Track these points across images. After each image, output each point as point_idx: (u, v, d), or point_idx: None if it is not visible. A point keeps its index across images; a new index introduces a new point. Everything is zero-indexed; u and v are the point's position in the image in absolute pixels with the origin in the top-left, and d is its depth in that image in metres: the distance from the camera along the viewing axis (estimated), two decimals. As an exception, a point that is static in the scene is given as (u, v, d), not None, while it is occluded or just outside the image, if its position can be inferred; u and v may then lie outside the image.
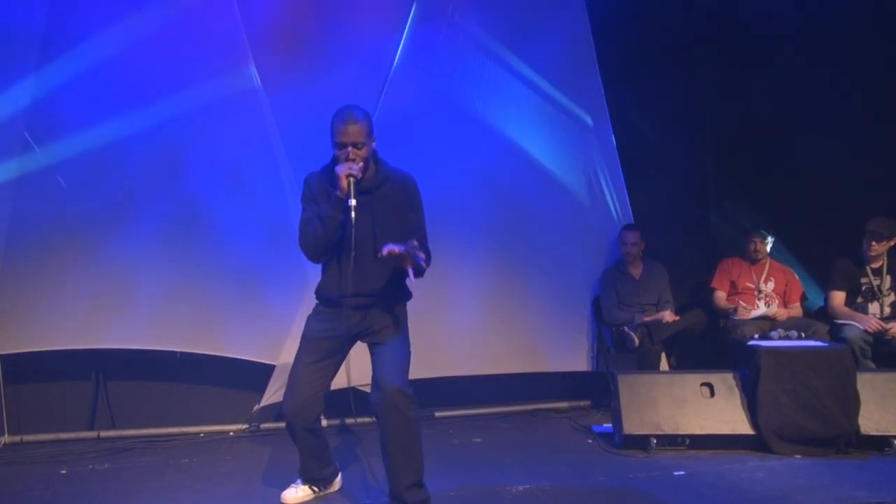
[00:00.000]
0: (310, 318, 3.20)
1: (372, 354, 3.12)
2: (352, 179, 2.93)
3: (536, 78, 5.20)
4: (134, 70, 4.47)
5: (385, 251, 2.84)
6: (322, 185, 3.09)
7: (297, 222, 3.14)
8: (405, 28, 4.92)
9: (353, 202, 2.92)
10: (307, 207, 3.12)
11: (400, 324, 3.13)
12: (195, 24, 4.55)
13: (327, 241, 3.01)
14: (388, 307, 3.11)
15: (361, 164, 2.99)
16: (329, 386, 3.16)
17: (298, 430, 3.13)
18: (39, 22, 4.35)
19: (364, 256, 3.00)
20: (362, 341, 3.17)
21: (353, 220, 2.93)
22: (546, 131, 5.23)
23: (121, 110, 4.47)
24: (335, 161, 3.05)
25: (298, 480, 3.35)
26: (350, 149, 2.97)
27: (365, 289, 3.04)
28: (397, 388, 2.93)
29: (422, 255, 2.89)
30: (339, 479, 3.47)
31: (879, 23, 5.27)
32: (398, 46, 4.91)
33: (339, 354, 3.16)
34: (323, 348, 3.10)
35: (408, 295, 3.19)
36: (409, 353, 3.10)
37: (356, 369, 4.50)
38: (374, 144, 3.07)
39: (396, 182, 3.12)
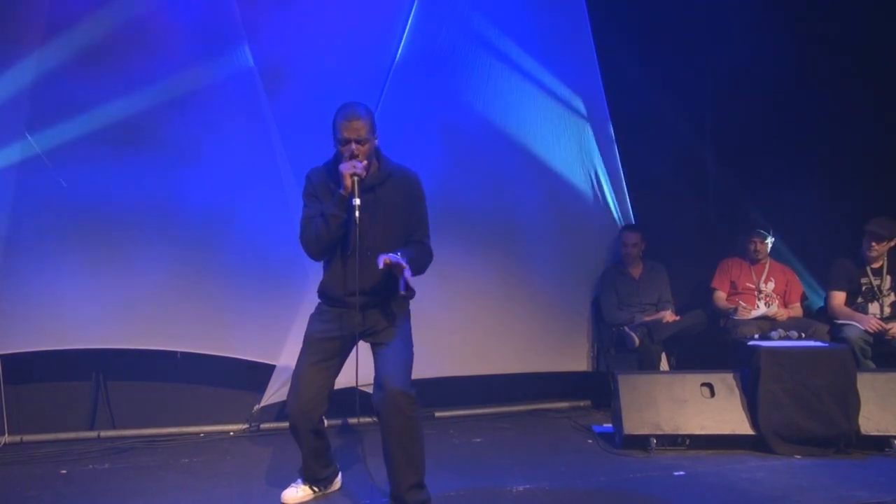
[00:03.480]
0: (312, 318, 3.19)
1: (374, 354, 3.10)
2: (356, 178, 2.92)
3: (537, 77, 5.20)
4: (131, 61, 4.45)
5: (381, 263, 2.85)
6: (324, 181, 3.08)
7: (296, 221, 3.13)
8: (406, 26, 4.92)
9: (357, 201, 2.91)
10: (309, 204, 3.10)
11: (403, 324, 3.12)
12: (191, 10, 4.55)
13: (330, 239, 3.00)
14: (390, 306, 3.10)
15: (365, 161, 2.98)
16: (333, 386, 3.15)
17: (302, 431, 3.12)
18: (42, 4, 4.34)
19: (367, 254, 2.99)
20: (365, 341, 3.16)
21: (358, 219, 2.91)
22: (546, 131, 5.23)
23: (120, 115, 4.45)
24: (337, 158, 3.04)
25: (299, 480, 3.34)
26: (354, 145, 2.95)
27: (368, 287, 3.02)
28: (400, 388, 2.91)
29: (408, 271, 2.86)
30: (339, 478, 3.46)
31: (883, 21, 5.27)
32: (399, 45, 4.90)
33: (342, 354, 3.15)
34: (326, 348, 3.09)
35: (411, 293, 3.18)
36: (411, 354, 3.08)
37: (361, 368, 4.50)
38: (376, 141, 3.06)
39: (399, 179, 3.11)
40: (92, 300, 4.40)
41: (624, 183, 5.40)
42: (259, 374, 4.63)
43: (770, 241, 5.16)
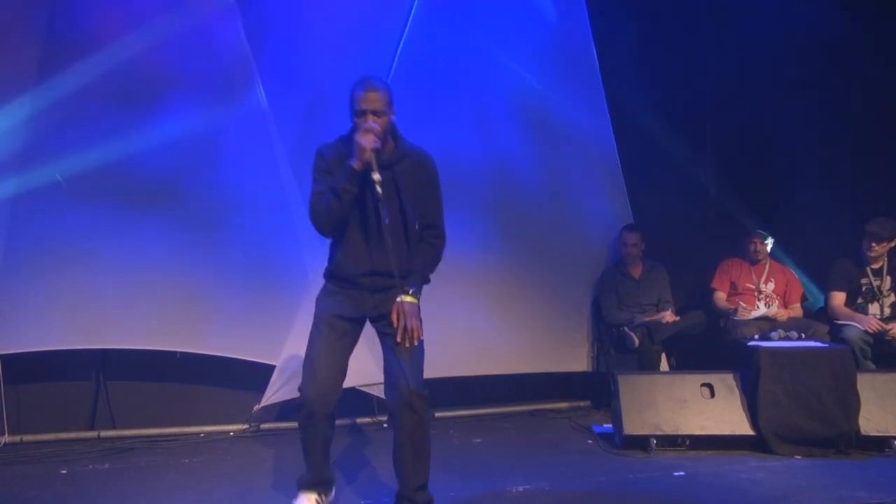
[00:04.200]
0: (321, 299, 3.05)
1: (385, 346, 2.99)
2: (373, 154, 2.81)
3: (536, 78, 5.21)
4: (132, 68, 4.45)
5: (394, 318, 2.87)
6: (339, 155, 2.94)
7: (296, 221, 3.10)
8: (405, 27, 4.92)
9: (377, 176, 2.80)
10: (320, 179, 2.95)
11: None
12: (196, 26, 4.55)
13: (341, 215, 2.88)
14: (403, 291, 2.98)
15: (380, 133, 2.87)
16: (346, 368, 3.01)
17: (320, 418, 2.94)
18: (40, 33, 4.34)
19: (385, 233, 2.88)
20: (375, 325, 3.05)
21: (380, 194, 2.80)
22: (546, 131, 5.23)
23: (120, 112, 4.45)
24: (353, 132, 2.93)
25: (301, 496, 3.07)
26: (371, 117, 2.85)
27: (384, 267, 2.91)
28: (416, 389, 2.86)
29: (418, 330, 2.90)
30: (333, 490, 3.23)
31: (882, 22, 5.27)
32: (398, 45, 4.91)
33: (353, 335, 3.04)
34: (338, 327, 2.97)
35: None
36: (423, 351, 2.99)
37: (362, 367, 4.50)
38: (393, 117, 2.96)
39: (415, 159, 3.03)
40: (92, 300, 4.40)
41: (624, 183, 5.40)
42: (259, 374, 4.62)
43: (770, 241, 5.16)
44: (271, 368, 4.62)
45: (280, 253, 4.56)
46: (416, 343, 2.91)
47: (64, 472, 3.84)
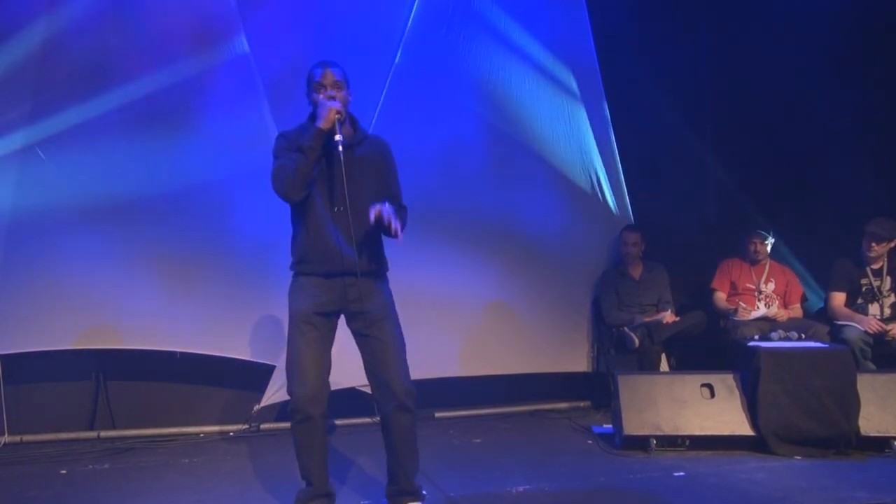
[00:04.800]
0: (296, 295, 2.97)
1: (367, 348, 2.96)
2: (337, 117, 2.82)
3: (537, 77, 5.21)
4: (130, 57, 4.48)
5: (372, 215, 2.78)
6: (300, 137, 2.91)
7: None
8: (406, 26, 4.92)
9: (339, 137, 2.81)
10: (282, 155, 2.93)
11: (391, 307, 3.00)
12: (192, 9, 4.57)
13: (307, 173, 2.83)
14: (375, 277, 2.98)
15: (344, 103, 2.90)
16: (331, 364, 2.97)
17: (318, 419, 2.87)
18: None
19: (350, 211, 2.85)
20: (351, 326, 3.00)
21: (342, 155, 2.80)
22: (547, 131, 5.24)
23: (119, 105, 4.46)
24: (312, 116, 2.95)
25: None
26: (331, 90, 2.88)
27: (356, 242, 2.87)
28: (408, 388, 2.89)
29: (395, 221, 2.80)
30: None
31: (883, 23, 5.27)
32: (399, 45, 4.91)
33: (333, 330, 3.00)
34: (319, 324, 2.93)
35: (387, 265, 3.08)
36: (405, 345, 2.98)
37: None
38: (350, 99, 2.98)
39: (374, 142, 3.07)
40: (92, 300, 4.40)
41: (624, 183, 5.40)
42: (259, 374, 4.63)
43: (770, 241, 5.16)
44: (271, 368, 4.63)
45: (280, 253, 4.53)
46: (399, 236, 2.83)
47: (64, 472, 3.84)
